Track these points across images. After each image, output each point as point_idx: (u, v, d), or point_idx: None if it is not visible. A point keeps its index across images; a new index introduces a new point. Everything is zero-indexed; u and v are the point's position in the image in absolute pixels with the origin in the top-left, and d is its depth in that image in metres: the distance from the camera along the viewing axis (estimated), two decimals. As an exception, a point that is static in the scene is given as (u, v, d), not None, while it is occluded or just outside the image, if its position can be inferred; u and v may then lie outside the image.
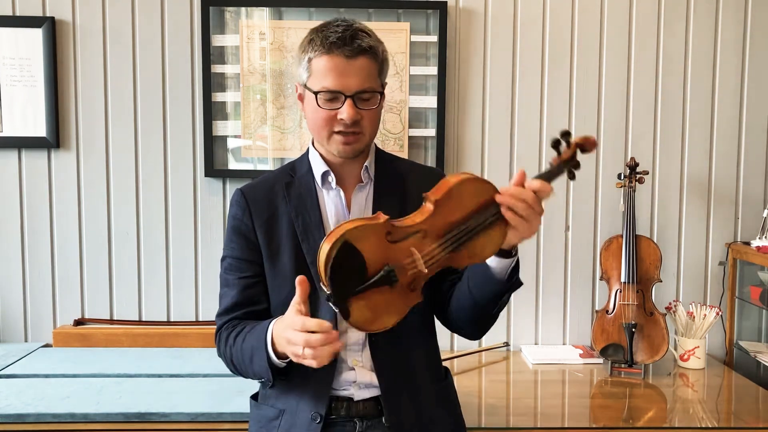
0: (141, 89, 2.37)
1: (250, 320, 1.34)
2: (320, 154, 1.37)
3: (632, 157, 2.33)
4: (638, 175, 2.31)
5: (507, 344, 2.46)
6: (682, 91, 2.43)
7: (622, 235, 2.30)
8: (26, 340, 2.41)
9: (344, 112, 1.26)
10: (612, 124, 2.43)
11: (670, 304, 2.33)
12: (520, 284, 1.28)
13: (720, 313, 2.29)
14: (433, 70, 2.36)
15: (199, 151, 2.38)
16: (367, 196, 1.38)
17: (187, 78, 2.37)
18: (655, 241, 2.39)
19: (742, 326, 2.48)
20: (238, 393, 1.86)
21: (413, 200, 1.36)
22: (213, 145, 2.36)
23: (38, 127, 2.34)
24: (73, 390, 1.89)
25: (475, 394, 2.04)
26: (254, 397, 1.45)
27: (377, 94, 1.29)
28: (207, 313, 2.41)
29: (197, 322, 2.40)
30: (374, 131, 1.33)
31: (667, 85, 2.43)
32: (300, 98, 1.35)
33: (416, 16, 2.36)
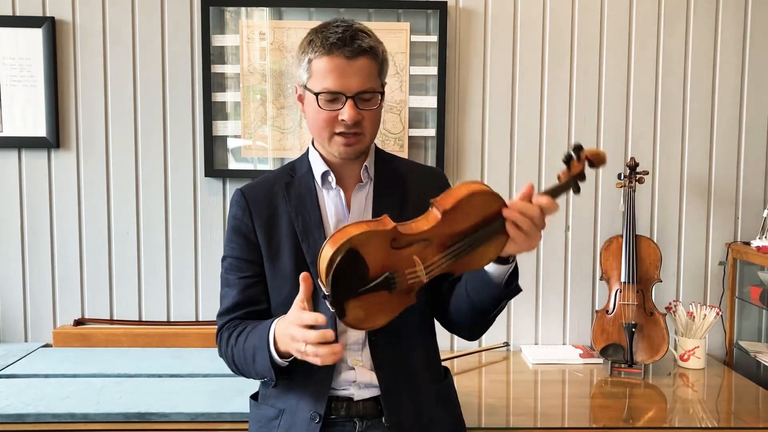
0: (141, 89, 2.37)
1: (252, 320, 1.34)
2: (320, 154, 1.38)
3: (632, 157, 2.33)
4: (638, 175, 2.31)
5: (507, 344, 2.46)
6: (682, 91, 2.43)
7: (622, 235, 2.30)
8: (26, 340, 2.41)
9: (345, 113, 1.26)
10: (612, 124, 2.43)
11: (670, 304, 2.33)
12: (519, 291, 1.28)
13: (720, 313, 2.29)
14: (433, 70, 2.36)
15: (199, 151, 2.38)
16: (367, 196, 1.38)
17: (187, 78, 2.37)
18: (655, 241, 2.39)
19: (742, 326, 2.48)
20: (238, 393, 1.86)
21: (413, 200, 1.37)
22: (213, 145, 2.36)
23: (38, 127, 2.34)
24: (73, 390, 1.90)
25: (475, 394, 2.04)
26: (254, 397, 1.45)
27: (378, 95, 1.30)
28: (207, 313, 2.41)
29: (197, 322, 2.40)
30: (375, 132, 1.33)
31: (667, 85, 2.43)
32: (300, 99, 1.35)
33: (416, 16, 2.36)
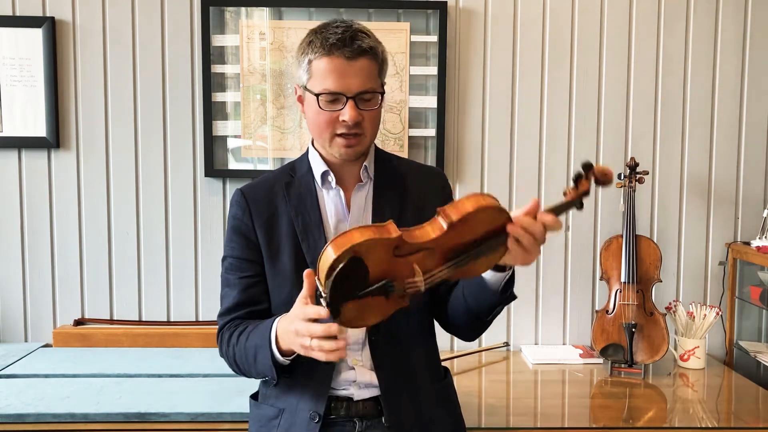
0: (141, 89, 2.37)
1: (252, 320, 1.34)
2: (320, 154, 1.38)
3: (632, 157, 2.33)
4: (638, 175, 2.31)
5: (507, 344, 2.46)
6: (682, 91, 2.43)
7: (622, 235, 2.30)
8: (26, 340, 2.41)
9: (346, 114, 1.26)
10: (612, 124, 2.43)
11: (670, 304, 2.33)
12: (514, 298, 1.29)
13: (720, 313, 2.29)
14: (433, 70, 2.36)
15: (199, 151, 2.38)
16: (367, 196, 1.38)
17: (187, 78, 2.37)
18: (655, 241, 2.38)
19: (742, 326, 2.48)
20: (238, 393, 1.86)
21: (413, 199, 1.37)
22: (213, 145, 2.36)
23: (38, 127, 2.34)
24: (73, 390, 1.89)
25: (475, 394, 2.04)
26: (254, 397, 1.45)
27: (378, 95, 1.30)
28: (207, 313, 2.41)
29: (197, 322, 2.40)
30: (375, 132, 1.33)
31: (667, 85, 2.43)
32: (300, 100, 1.35)
33: (416, 16, 2.36)
